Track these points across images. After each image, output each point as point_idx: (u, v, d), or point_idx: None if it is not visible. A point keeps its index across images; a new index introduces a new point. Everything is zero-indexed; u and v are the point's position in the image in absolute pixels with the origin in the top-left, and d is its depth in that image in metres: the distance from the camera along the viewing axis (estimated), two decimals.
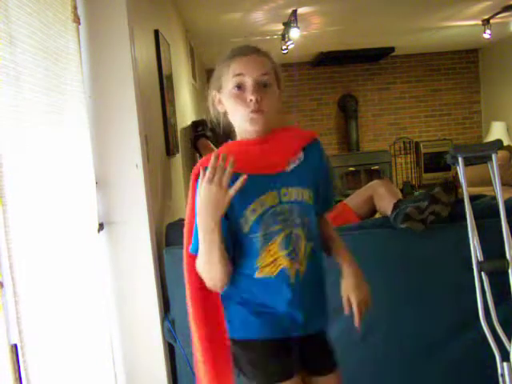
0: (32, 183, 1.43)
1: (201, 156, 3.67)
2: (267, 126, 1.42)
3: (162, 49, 2.96)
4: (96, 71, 2.08)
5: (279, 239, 1.39)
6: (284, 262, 1.39)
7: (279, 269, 1.39)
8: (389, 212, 2.23)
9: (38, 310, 1.37)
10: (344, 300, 1.49)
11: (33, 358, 1.29)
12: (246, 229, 1.38)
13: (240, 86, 1.40)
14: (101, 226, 2.09)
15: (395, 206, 2.18)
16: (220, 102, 1.46)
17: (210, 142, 3.64)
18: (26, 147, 1.39)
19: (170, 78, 3.25)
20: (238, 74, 1.40)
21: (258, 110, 1.38)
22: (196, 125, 3.87)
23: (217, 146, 3.57)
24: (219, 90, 1.46)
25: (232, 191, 1.26)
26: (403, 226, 2.10)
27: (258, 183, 1.37)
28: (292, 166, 1.43)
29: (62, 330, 1.55)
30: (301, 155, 1.45)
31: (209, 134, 3.73)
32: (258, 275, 1.40)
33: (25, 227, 1.33)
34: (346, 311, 1.49)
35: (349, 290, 1.48)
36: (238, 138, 1.46)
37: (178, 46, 4.32)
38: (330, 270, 1.50)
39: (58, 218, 1.60)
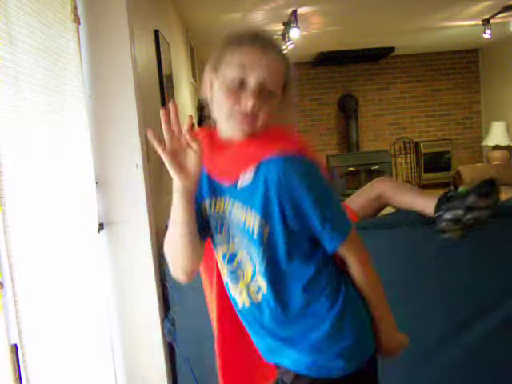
0: (32, 183, 1.43)
1: None
2: (250, 136, 1.16)
3: (162, 49, 2.96)
4: (96, 71, 2.08)
5: (221, 252, 1.25)
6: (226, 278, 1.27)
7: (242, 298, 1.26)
8: (424, 210, 2.18)
9: (37, 310, 1.37)
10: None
11: (33, 358, 1.29)
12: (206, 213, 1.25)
13: (241, 82, 1.13)
14: (101, 226, 2.09)
15: (437, 208, 2.08)
16: (211, 86, 1.20)
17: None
18: (25, 147, 1.39)
19: (169, 77, 3.25)
20: (243, 67, 1.13)
21: (250, 118, 1.14)
22: (202, 106, 3.83)
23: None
24: (215, 72, 1.18)
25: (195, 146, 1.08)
26: (441, 237, 2.05)
27: (213, 185, 1.21)
28: (244, 184, 1.17)
29: (61, 330, 1.55)
30: (251, 174, 1.16)
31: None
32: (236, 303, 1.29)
33: (24, 227, 1.33)
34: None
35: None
36: (217, 131, 1.23)
37: (178, 45, 4.32)
38: None
39: (57, 218, 1.60)
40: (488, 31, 5.93)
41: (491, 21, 5.85)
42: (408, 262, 2.18)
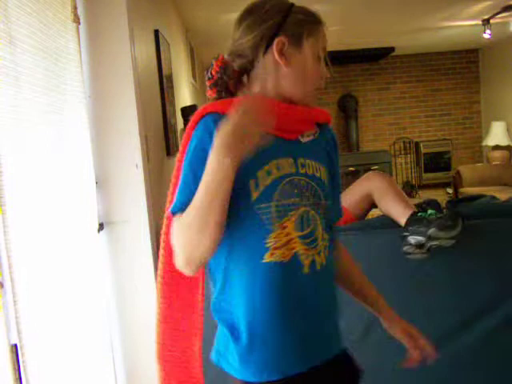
0: (32, 183, 1.43)
1: None
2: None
3: (162, 49, 2.96)
4: (96, 71, 2.08)
5: (294, 217, 1.12)
6: (298, 246, 1.12)
7: (292, 253, 1.12)
8: (397, 219, 2.17)
9: (37, 310, 1.37)
10: (406, 339, 1.41)
11: (33, 358, 1.29)
12: (254, 196, 1.10)
13: (319, 57, 1.26)
14: (101, 226, 2.09)
15: (406, 224, 2.09)
16: (283, 54, 1.18)
17: None
18: (25, 147, 1.39)
19: (169, 77, 3.25)
20: (322, 44, 1.27)
21: (319, 89, 1.27)
22: (186, 112, 3.79)
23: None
24: (295, 43, 1.19)
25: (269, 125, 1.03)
26: (406, 257, 2.08)
27: (275, 145, 1.10)
28: (308, 139, 1.22)
29: (61, 330, 1.55)
30: (317, 130, 1.25)
31: None
32: (267, 259, 1.10)
33: (24, 227, 1.33)
34: (413, 350, 1.41)
35: (407, 327, 1.42)
36: (263, 93, 1.20)
37: (178, 45, 4.32)
38: None
39: (57, 218, 1.60)
40: (488, 31, 5.93)
41: (491, 21, 5.85)
42: (408, 262, 2.18)
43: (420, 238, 2.01)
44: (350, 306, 2.19)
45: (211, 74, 1.22)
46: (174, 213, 1.10)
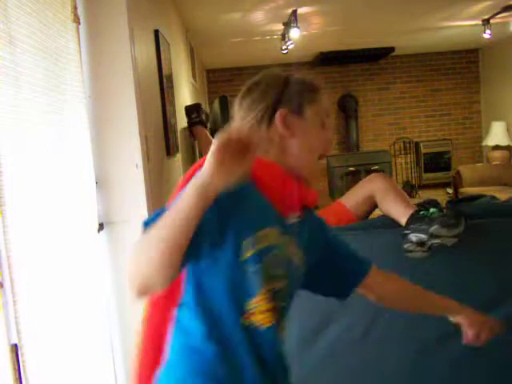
0: (32, 183, 1.43)
1: (198, 143, 3.60)
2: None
3: (161, 49, 2.96)
4: (96, 71, 2.08)
5: (273, 288, 1.13)
6: (275, 316, 1.13)
7: (272, 321, 1.12)
8: (398, 219, 2.16)
9: (37, 310, 1.37)
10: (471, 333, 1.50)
11: (32, 358, 1.29)
12: (246, 254, 1.08)
13: (324, 124, 1.26)
14: (101, 226, 2.09)
15: (407, 223, 2.09)
16: (288, 125, 1.19)
17: (206, 130, 3.58)
18: (25, 147, 1.39)
19: (169, 77, 3.25)
20: (326, 110, 1.29)
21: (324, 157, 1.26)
22: (189, 111, 3.78)
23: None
24: (297, 112, 1.21)
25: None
26: (406, 255, 2.07)
27: (271, 212, 1.15)
28: (293, 221, 1.21)
29: (61, 330, 1.55)
30: (301, 213, 1.23)
31: (204, 119, 3.66)
32: (245, 321, 1.10)
33: (24, 227, 1.33)
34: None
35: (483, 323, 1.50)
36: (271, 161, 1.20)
37: (178, 45, 4.32)
38: None
39: (57, 218, 1.60)
40: (488, 31, 5.93)
41: (491, 21, 5.84)
42: (408, 262, 2.18)
43: (422, 236, 2.00)
44: (350, 306, 2.20)
45: None
46: (146, 226, 1.04)
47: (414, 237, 2.02)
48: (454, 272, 2.19)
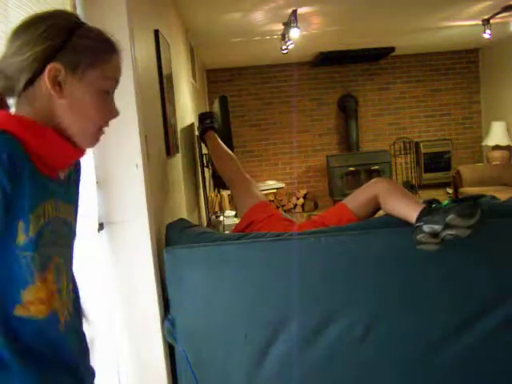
0: None
1: (207, 147, 3.66)
2: None
3: (161, 49, 2.96)
4: None
5: (53, 267, 1.03)
6: (56, 301, 1.04)
7: (50, 310, 1.02)
8: (407, 218, 2.14)
9: None
10: None
11: None
12: (21, 239, 0.96)
13: (108, 92, 1.09)
14: (101, 226, 2.09)
15: (418, 218, 2.05)
16: (58, 83, 1.03)
17: (216, 134, 3.63)
18: None
19: (169, 77, 3.25)
20: (113, 78, 1.10)
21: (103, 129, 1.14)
22: (204, 117, 3.84)
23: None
24: (74, 72, 1.04)
25: None
26: (417, 247, 2.03)
27: (42, 183, 1.02)
28: (63, 176, 1.11)
29: None
30: (70, 169, 1.15)
31: (216, 126, 3.72)
32: (17, 312, 0.98)
33: None
34: None
35: None
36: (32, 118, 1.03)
37: (178, 46, 4.32)
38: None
39: None
40: (488, 31, 5.93)
41: (491, 21, 5.85)
42: (407, 263, 2.18)
43: (435, 227, 1.95)
44: (350, 306, 2.21)
45: None
46: None
47: (427, 228, 1.97)
48: (454, 272, 2.19)
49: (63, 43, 1.02)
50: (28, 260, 0.97)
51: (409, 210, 2.11)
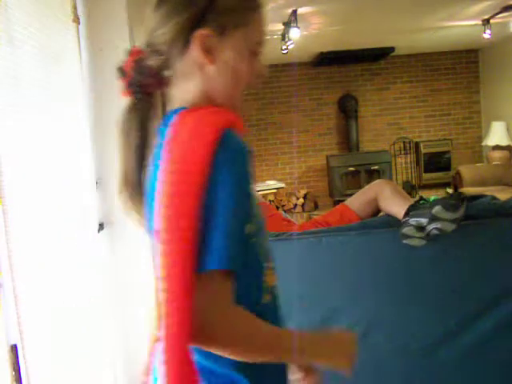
0: (32, 183, 1.43)
1: None
2: None
3: None
4: (96, 71, 2.08)
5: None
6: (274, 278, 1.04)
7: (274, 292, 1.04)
8: (397, 214, 2.19)
9: (37, 310, 1.37)
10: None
11: (33, 358, 1.29)
12: (251, 228, 0.96)
13: (255, 52, 1.01)
14: (101, 226, 2.09)
15: (405, 214, 2.11)
16: (208, 49, 0.96)
17: None
18: (25, 147, 1.39)
19: None
20: (260, 36, 1.01)
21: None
22: None
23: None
24: (220, 33, 0.97)
25: None
26: (403, 241, 2.06)
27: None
28: None
29: (62, 330, 1.55)
30: None
31: None
32: (265, 300, 0.99)
33: (25, 227, 1.33)
34: None
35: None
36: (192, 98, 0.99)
37: None
38: None
39: (58, 219, 1.60)
40: (488, 31, 5.93)
41: (491, 21, 5.84)
42: (407, 263, 2.18)
43: (422, 220, 2.00)
44: (350, 306, 2.21)
45: (124, 70, 0.99)
46: (223, 267, 0.85)
47: (413, 221, 2.03)
48: (453, 272, 2.19)
49: (207, 7, 0.95)
50: (253, 244, 0.98)
51: (399, 207, 2.18)
